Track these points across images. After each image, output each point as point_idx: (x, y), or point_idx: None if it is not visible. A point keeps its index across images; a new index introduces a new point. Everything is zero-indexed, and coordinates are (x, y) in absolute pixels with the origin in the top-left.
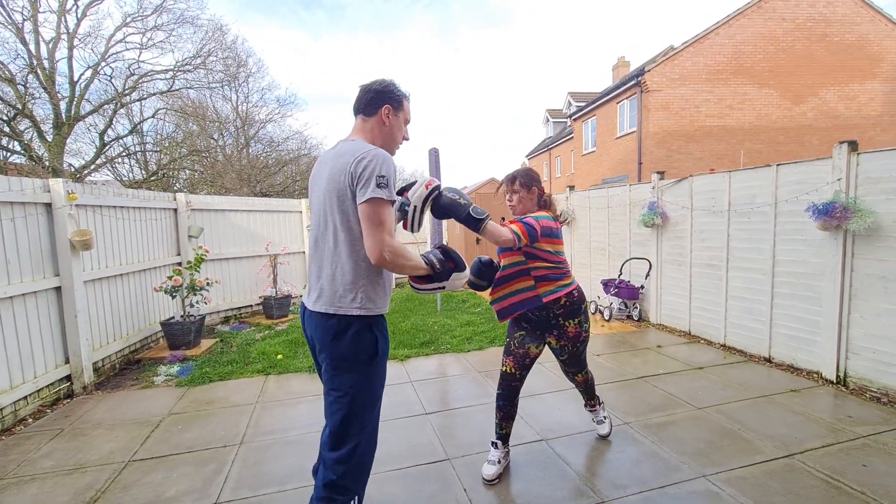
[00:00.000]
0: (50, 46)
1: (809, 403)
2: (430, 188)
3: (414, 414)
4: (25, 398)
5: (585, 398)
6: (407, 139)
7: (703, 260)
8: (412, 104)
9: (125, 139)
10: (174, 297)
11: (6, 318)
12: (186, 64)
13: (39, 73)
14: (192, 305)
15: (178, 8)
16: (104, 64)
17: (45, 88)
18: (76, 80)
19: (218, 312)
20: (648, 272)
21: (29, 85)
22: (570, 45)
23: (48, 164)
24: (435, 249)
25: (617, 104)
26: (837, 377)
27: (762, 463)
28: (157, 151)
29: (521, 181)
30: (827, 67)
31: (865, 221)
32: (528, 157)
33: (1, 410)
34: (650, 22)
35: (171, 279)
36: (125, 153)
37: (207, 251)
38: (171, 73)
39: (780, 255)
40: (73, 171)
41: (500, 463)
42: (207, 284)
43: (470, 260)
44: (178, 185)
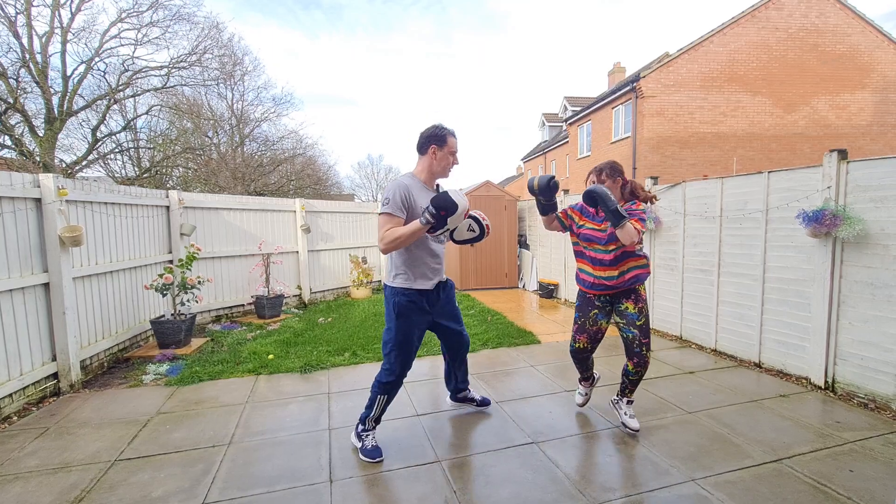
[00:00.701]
0: (43, 40)
1: (798, 409)
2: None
3: (405, 415)
4: (10, 396)
5: (630, 387)
6: (457, 163)
7: (695, 265)
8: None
9: (118, 135)
10: (165, 295)
11: None
12: (181, 61)
13: (32, 67)
14: (182, 304)
15: (173, 4)
16: (98, 59)
17: (37, 83)
18: (69, 74)
19: (209, 311)
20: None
21: (21, 79)
22: (566, 49)
23: (39, 159)
24: (428, 206)
25: (612, 109)
26: (826, 383)
27: (751, 467)
28: (150, 148)
29: (606, 173)
30: (818, 77)
31: (854, 229)
32: (523, 160)
33: None
34: (646, 28)
35: (162, 277)
36: (118, 149)
37: (199, 249)
38: (165, 69)
39: (770, 261)
40: (64, 166)
41: (586, 395)
42: (199, 283)
43: (464, 259)
44: (171, 182)
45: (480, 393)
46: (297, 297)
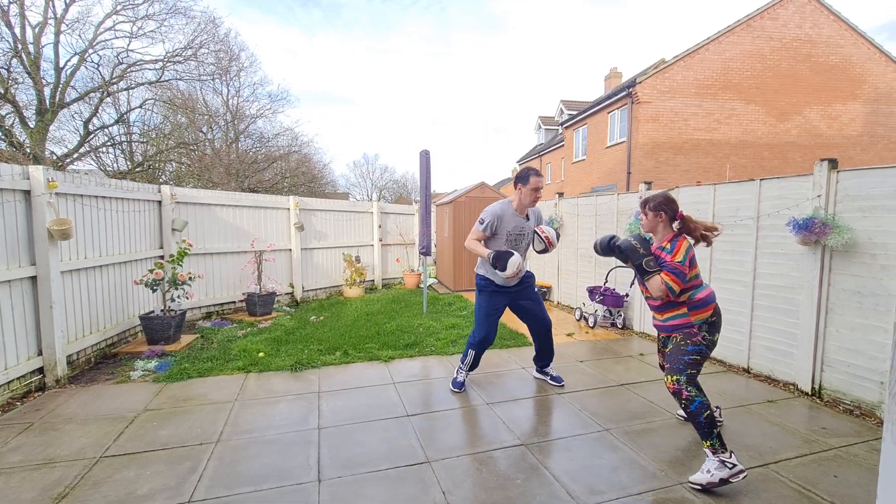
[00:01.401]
0: (36, 31)
1: (785, 414)
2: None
3: (395, 416)
4: None
5: (698, 433)
6: (538, 197)
7: None
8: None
9: (111, 129)
10: (155, 290)
11: None
12: (177, 55)
13: (24, 57)
14: (172, 300)
15: None
16: (92, 51)
17: (29, 73)
18: (62, 66)
19: (199, 308)
20: (633, 281)
21: (12, 69)
22: (563, 53)
23: (29, 150)
24: (492, 253)
25: (608, 114)
26: (813, 389)
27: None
28: (143, 142)
29: (650, 206)
30: (811, 87)
31: (843, 237)
32: (518, 162)
33: None
34: (643, 34)
35: (152, 272)
36: (110, 143)
37: (191, 245)
38: (160, 63)
39: (761, 267)
40: (55, 158)
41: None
42: (190, 279)
43: (458, 260)
44: (164, 177)
45: (471, 393)
46: (289, 295)
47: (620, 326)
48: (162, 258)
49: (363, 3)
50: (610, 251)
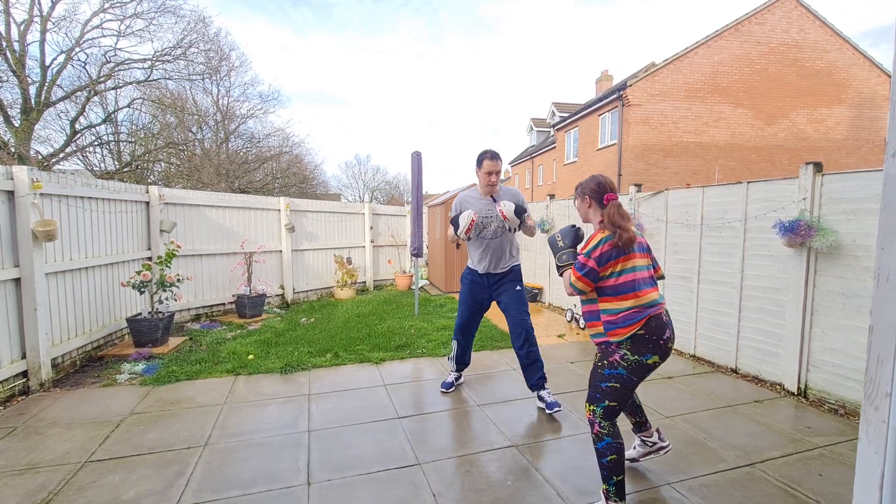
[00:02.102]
0: (21, 28)
1: (771, 414)
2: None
3: (386, 418)
4: None
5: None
6: (492, 182)
7: (675, 272)
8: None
9: (98, 128)
10: (142, 292)
11: None
12: (166, 54)
13: (9, 55)
14: (160, 302)
15: None
16: (78, 49)
17: (13, 71)
18: (48, 64)
19: (188, 310)
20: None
21: None
22: (555, 55)
23: (14, 150)
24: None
25: (599, 116)
26: (798, 389)
27: (725, 471)
28: (131, 142)
29: (578, 191)
30: (797, 91)
31: (827, 240)
32: (511, 164)
33: None
34: (634, 38)
35: (139, 274)
36: (97, 142)
37: (179, 246)
38: (149, 62)
39: (748, 269)
40: (40, 158)
41: (635, 449)
42: (178, 281)
43: (450, 262)
44: (152, 177)
45: (462, 395)
46: (279, 296)
47: None
48: (150, 260)
49: (355, 3)
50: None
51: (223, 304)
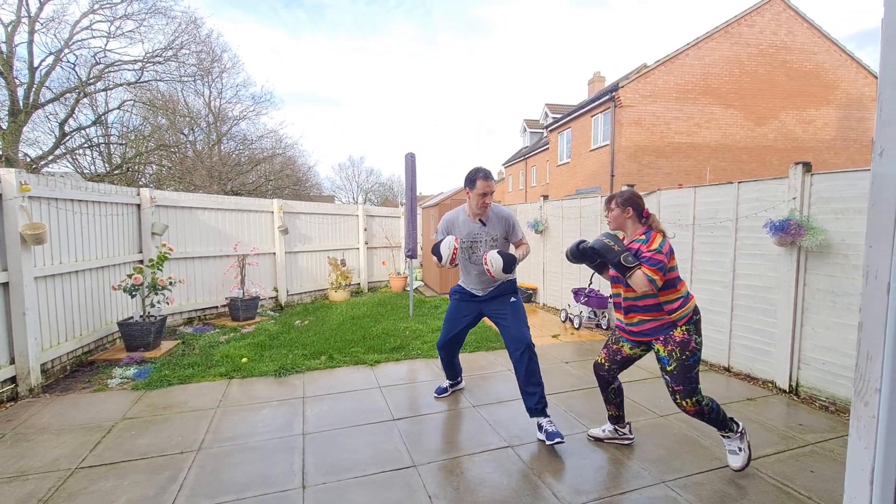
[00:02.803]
0: (9, 29)
1: (764, 412)
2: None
3: (381, 420)
4: None
5: (716, 428)
6: (486, 203)
7: None
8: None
9: (88, 130)
10: (134, 296)
11: None
12: (157, 56)
13: None
14: (152, 305)
15: None
16: (68, 51)
17: (1, 73)
18: (36, 66)
19: (181, 313)
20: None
21: None
22: (548, 56)
23: (1, 152)
24: (435, 244)
25: (591, 117)
26: (790, 386)
27: (718, 469)
28: (122, 144)
29: (616, 201)
30: (786, 92)
31: (817, 239)
32: (504, 165)
33: None
34: (625, 39)
35: (131, 277)
36: (87, 145)
37: (171, 249)
38: (140, 63)
39: (739, 268)
40: (28, 161)
41: (604, 432)
42: (170, 284)
43: (442, 274)
44: (143, 179)
45: (457, 397)
46: (273, 299)
47: (605, 327)
48: (141, 263)
49: (347, 4)
50: (582, 256)
51: (216, 307)
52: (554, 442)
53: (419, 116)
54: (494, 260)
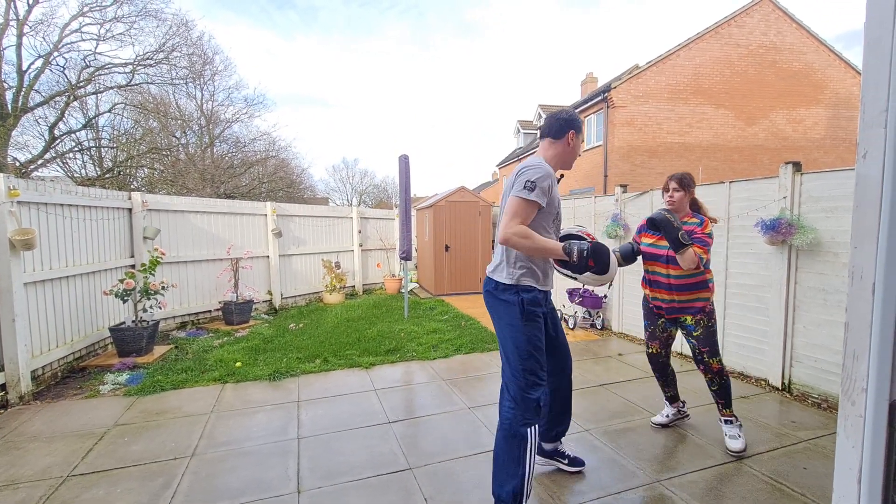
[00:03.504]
0: None
1: (757, 409)
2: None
3: (377, 423)
4: None
5: (719, 402)
6: (580, 155)
7: None
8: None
9: (78, 134)
10: (125, 301)
11: None
12: (148, 58)
13: None
14: (145, 310)
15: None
16: (57, 54)
17: None
18: (25, 69)
19: (174, 318)
20: (611, 282)
21: None
22: (541, 57)
23: None
24: (584, 243)
25: (584, 118)
26: (783, 384)
27: (713, 467)
28: (113, 148)
29: (685, 182)
30: (776, 92)
31: (808, 237)
32: (498, 166)
33: None
34: (617, 40)
35: (122, 282)
36: (78, 148)
37: (164, 253)
38: (130, 66)
39: (731, 267)
40: (17, 165)
41: (667, 417)
42: (163, 288)
43: (439, 264)
44: (135, 183)
45: (453, 398)
46: (267, 302)
47: (599, 327)
48: (133, 267)
49: (340, 6)
50: (633, 256)
51: (209, 311)
52: (577, 469)
53: (413, 118)
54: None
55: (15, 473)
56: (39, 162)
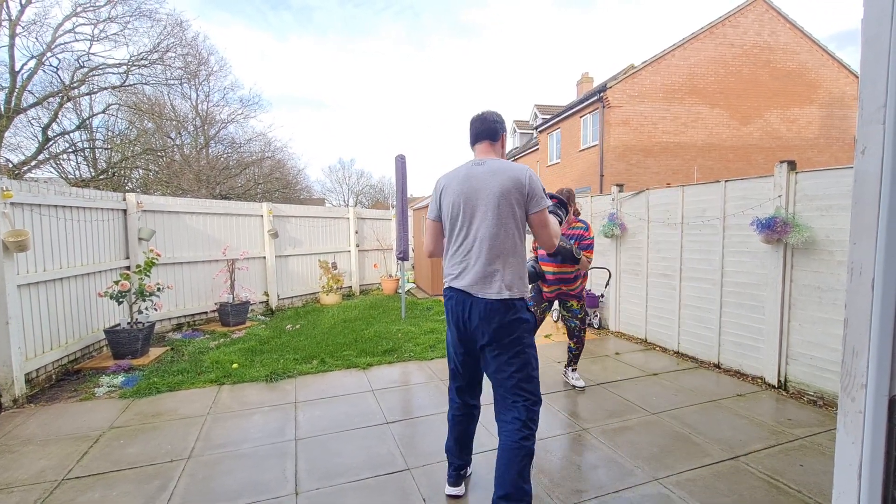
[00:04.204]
0: None
1: (753, 407)
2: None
3: (374, 423)
4: None
5: (573, 362)
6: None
7: (658, 270)
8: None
9: (72, 135)
10: (121, 303)
11: None
12: (142, 59)
13: None
14: (140, 312)
15: (134, 0)
16: (50, 54)
17: None
18: (18, 69)
19: (169, 319)
20: (608, 281)
21: None
22: (536, 58)
23: None
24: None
25: (580, 118)
26: (779, 382)
27: (710, 465)
28: (107, 149)
29: (570, 203)
30: (770, 92)
31: (802, 235)
32: None
33: None
34: (613, 39)
35: (117, 284)
36: (71, 149)
37: (159, 255)
38: (124, 67)
39: (727, 266)
40: (10, 166)
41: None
42: (158, 290)
43: (436, 265)
44: (130, 184)
45: None
46: (263, 303)
47: (596, 326)
48: (128, 269)
49: (335, 6)
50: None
51: (206, 312)
52: None
53: (409, 118)
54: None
55: (9, 477)
56: (33, 163)
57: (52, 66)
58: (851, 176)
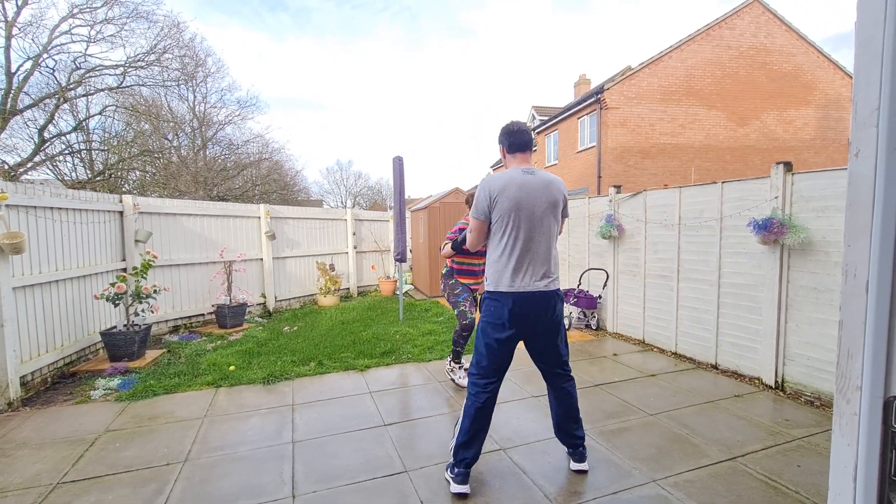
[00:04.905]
0: None
1: (751, 408)
2: None
3: (372, 426)
4: None
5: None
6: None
7: (655, 271)
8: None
9: (68, 136)
10: (117, 305)
11: None
12: (139, 60)
13: None
14: (136, 314)
15: (131, 1)
16: (46, 56)
17: None
18: (14, 71)
19: (166, 321)
20: (606, 282)
21: None
22: (534, 59)
23: None
24: None
25: (578, 119)
26: (776, 382)
27: (708, 466)
28: (104, 150)
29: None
30: (767, 93)
31: (799, 236)
32: (492, 167)
33: None
34: (610, 41)
35: (113, 286)
36: (68, 151)
37: (156, 257)
38: (121, 68)
39: (725, 266)
40: (6, 168)
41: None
42: (155, 292)
43: (434, 266)
44: (126, 186)
45: (449, 399)
46: (261, 305)
47: (594, 328)
48: (125, 271)
49: (333, 8)
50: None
51: (203, 314)
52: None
53: (407, 120)
54: None
55: (4, 481)
56: (29, 165)
57: (48, 67)
58: (846, 178)
